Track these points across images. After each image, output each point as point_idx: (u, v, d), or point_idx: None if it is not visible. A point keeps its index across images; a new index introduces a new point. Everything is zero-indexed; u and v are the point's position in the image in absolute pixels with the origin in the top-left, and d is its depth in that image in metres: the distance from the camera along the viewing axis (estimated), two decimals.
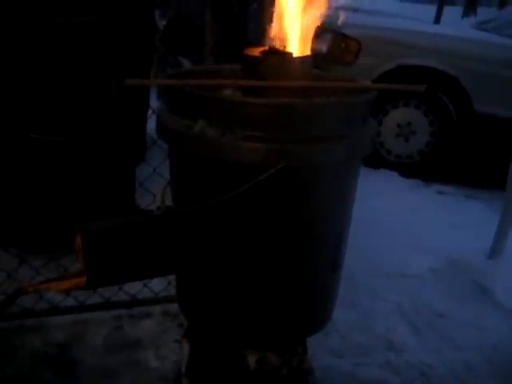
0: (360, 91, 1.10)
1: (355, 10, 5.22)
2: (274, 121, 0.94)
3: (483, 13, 11.17)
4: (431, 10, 12.81)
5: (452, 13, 13.11)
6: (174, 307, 2.18)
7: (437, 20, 12.00)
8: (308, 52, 1.11)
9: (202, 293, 1.09)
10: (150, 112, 2.72)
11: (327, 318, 1.21)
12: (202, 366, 1.15)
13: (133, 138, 2.65)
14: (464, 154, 4.11)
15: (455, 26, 4.78)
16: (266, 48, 1.08)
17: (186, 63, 2.48)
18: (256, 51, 1.09)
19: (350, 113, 1.02)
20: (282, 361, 1.11)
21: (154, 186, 2.31)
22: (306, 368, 1.18)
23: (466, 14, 13.73)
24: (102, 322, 2.08)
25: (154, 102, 3.34)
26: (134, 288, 2.09)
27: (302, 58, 1.09)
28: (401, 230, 3.04)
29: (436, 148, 4.12)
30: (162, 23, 3.18)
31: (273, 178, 0.95)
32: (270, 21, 1.12)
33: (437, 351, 2.13)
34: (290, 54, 1.08)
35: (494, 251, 2.81)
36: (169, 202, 1.35)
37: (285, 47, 1.09)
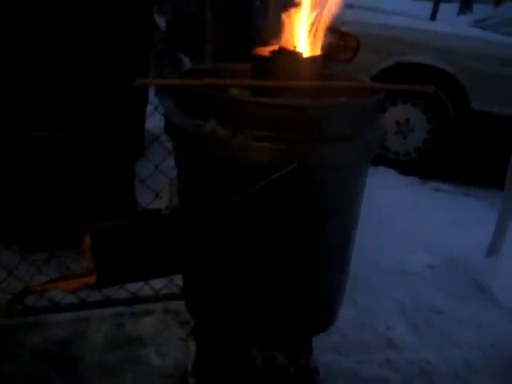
0: (369, 91, 1.10)
1: (350, 6, 5.20)
2: (286, 121, 0.94)
3: (479, 10, 11.18)
4: (427, 6, 12.81)
5: (448, 10, 13.11)
6: (174, 304, 2.18)
7: (433, 17, 12.00)
8: (318, 52, 1.11)
9: (211, 292, 1.09)
10: (151, 108, 2.71)
11: (334, 317, 1.22)
12: (209, 365, 1.15)
13: (132, 133, 2.64)
14: (462, 151, 4.12)
15: (452, 23, 4.78)
16: (276, 47, 1.08)
17: (187, 61, 2.47)
18: (265, 51, 1.09)
19: (361, 113, 1.02)
20: (290, 360, 1.12)
21: (155, 183, 2.32)
22: (312, 367, 1.18)
23: (461, 11, 13.74)
24: (103, 319, 2.08)
25: (151, 98, 3.33)
26: (135, 285, 2.09)
27: (312, 58, 1.09)
28: (399, 228, 3.04)
29: (433, 145, 4.13)
30: (160, 20, 3.17)
31: (284, 178, 0.95)
32: (279, 20, 1.11)
33: (436, 348, 2.15)
34: (300, 54, 1.08)
35: (492, 249, 2.82)
36: (173, 199, 1.35)
37: (295, 47, 1.09)
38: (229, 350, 1.11)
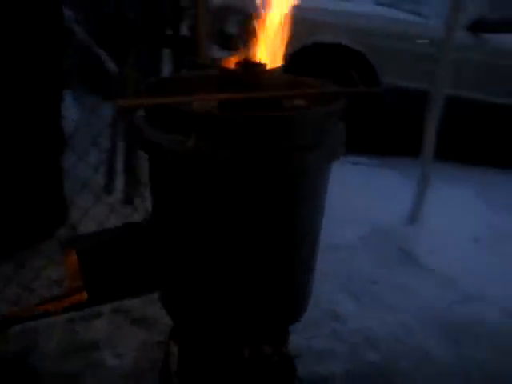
0: (331, 95, 1.17)
1: None
2: (267, 133, 0.98)
3: None
4: None
5: None
6: (124, 304, 2.17)
7: None
8: (279, 62, 1.16)
9: (196, 297, 1.13)
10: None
11: (307, 304, 1.31)
12: (195, 364, 1.20)
13: (50, 127, 2.55)
14: (374, 125, 4.34)
15: (359, 1, 4.98)
16: (241, 60, 1.12)
17: (108, 60, 2.40)
18: (230, 63, 1.12)
19: (328, 120, 1.09)
20: (274, 349, 1.19)
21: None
22: (291, 353, 1.27)
23: None
24: (54, 326, 2.04)
25: None
26: None
27: (276, 69, 1.15)
28: (326, 203, 3.18)
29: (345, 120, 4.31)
30: (69, 14, 3.04)
31: (262, 186, 1.00)
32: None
33: (376, 316, 2.31)
34: (265, 66, 1.13)
35: (413, 216, 3.05)
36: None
37: (258, 59, 1.13)
38: (215, 348, 1.16)
